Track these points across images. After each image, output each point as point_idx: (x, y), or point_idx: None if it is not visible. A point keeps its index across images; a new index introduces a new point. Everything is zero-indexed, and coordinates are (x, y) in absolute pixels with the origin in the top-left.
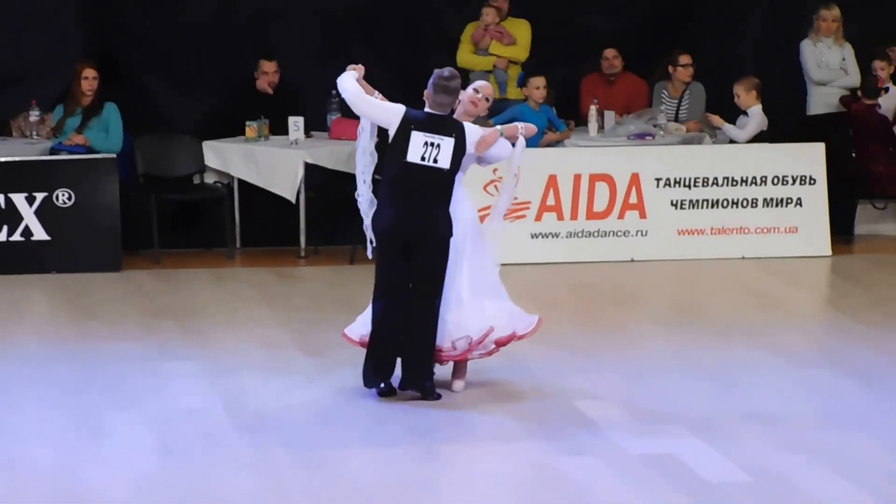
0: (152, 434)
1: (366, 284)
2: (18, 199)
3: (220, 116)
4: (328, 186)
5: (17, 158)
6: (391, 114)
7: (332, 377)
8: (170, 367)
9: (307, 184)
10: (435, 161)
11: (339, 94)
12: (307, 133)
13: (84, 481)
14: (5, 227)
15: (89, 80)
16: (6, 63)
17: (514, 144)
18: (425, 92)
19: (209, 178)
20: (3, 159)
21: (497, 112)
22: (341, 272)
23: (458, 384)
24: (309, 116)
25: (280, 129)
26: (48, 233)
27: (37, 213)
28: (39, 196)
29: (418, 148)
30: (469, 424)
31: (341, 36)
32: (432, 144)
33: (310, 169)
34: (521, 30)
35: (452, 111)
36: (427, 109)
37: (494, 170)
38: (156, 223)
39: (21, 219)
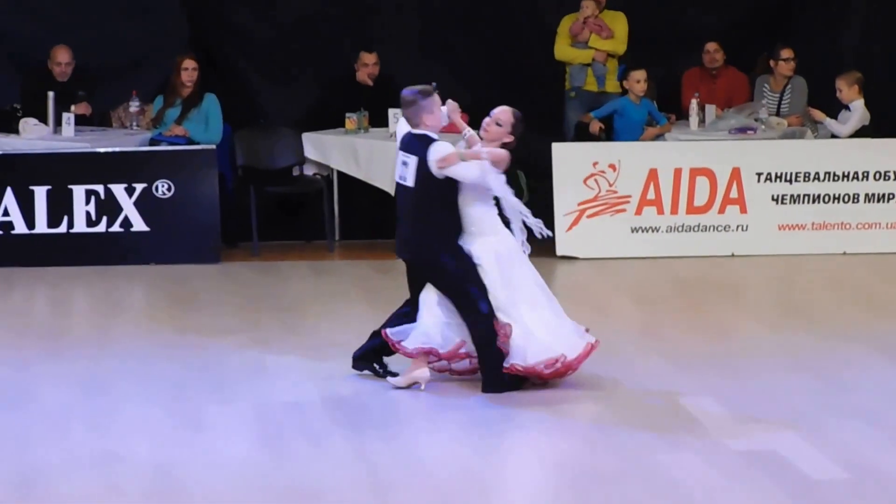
0: (251, 428)
1: None
2: (118, 189)
3: (320, 108)
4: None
5: (117, 149)
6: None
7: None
8: (269, 361)
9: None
10: (404, 179)
11: (438, 87)
12: None
13: (184, 475)
14: (105, 219)
15: (189, 71)
16: (107, 55)
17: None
18: None
19: (308, 171)
20: (103, 150)
21: (598, 105)
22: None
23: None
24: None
25: (380, 121)
26: (147, 224)
27: (136, 204)
28: (139, 187)
29: (399, 167)
30: (567, 418)
31: (440, 27)
32: (404, 163)
33: None
34: (618, 23)
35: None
36: (410, 129)
37: (594, 163)
38: (255, 215)
39: (121, 210)
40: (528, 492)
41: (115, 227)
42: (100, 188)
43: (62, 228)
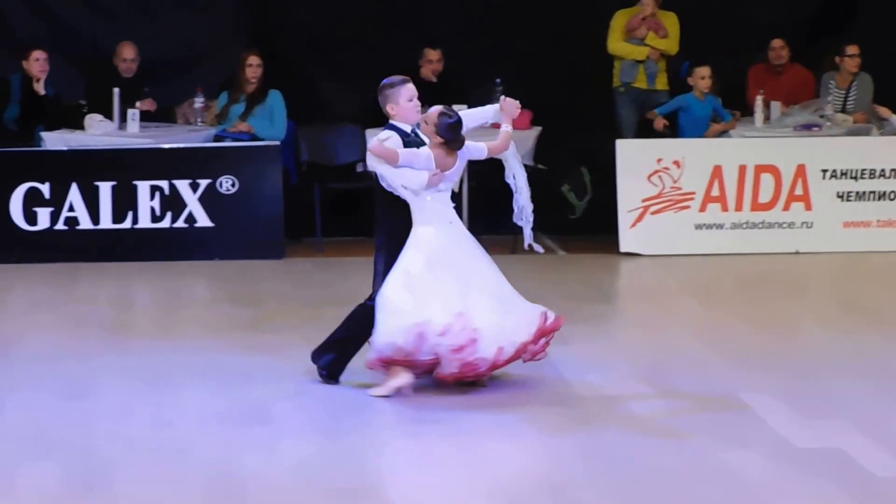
0: (314, 423)
1: (529, 273)
2: (182, 185)
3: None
4: (491, 175)
5: (181, 145)
6: None
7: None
8: None
9: (470, 172)
10: None
11: (502, 83)
12: None
13: (245, 469)
14: (169, 214)
15: (253, 67)
16: (172, 50)
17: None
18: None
19: None
20: (167, 146)
21: (646, 102)
22: (502, 261)
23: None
24: (472, 104)
25: None
26: (212, 220)
27: (201, 199)
28: (203, 183)
29: None
30: (633, 414)
31: (503, 23)
32: None
33: None
34: (671, 22)
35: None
36: None
37: (658, 159)
38: (318, 211)
39: (185, 206)
40: (596, 494)
41: (180, 223)
42: (164, 184)
43: (127, 224)
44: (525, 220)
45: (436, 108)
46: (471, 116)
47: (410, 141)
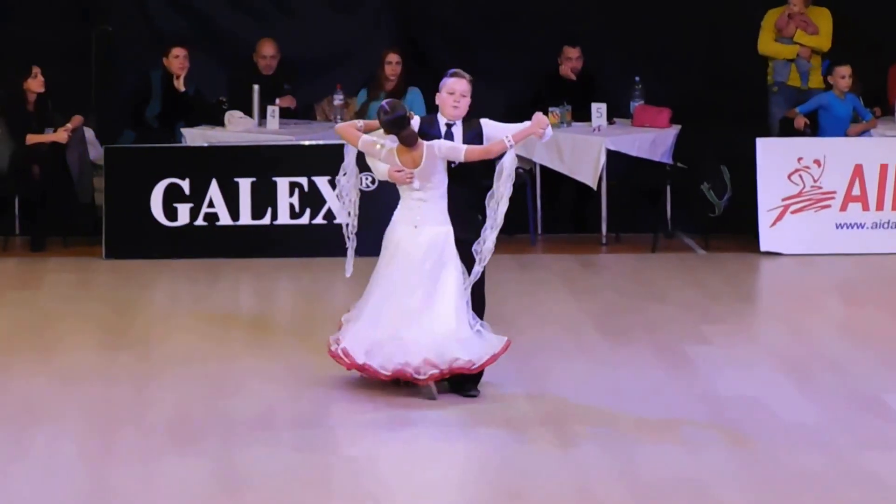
0: (456, 420)
1: (668, 271)
2: (321, 182)
3: (523, 102)
4: (630, 174)
5: (321, 142)
6: None
7: (635, 362)
8: None
9: (609, 171)
10: None
11: (641, 81)
12: (610, 120)
13: (391, 471)
14: (308, 211)
15: (393, 65)
16: (313, 48)
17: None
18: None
19: None
20: (307, 143)
21: (800, 101)
22: (643, 260)
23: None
24: (612, 103)
25: (583, 115)
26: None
27: (339, 198)
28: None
29: None
30: (774, 414)
31: (643, 20)
32: None
33: (612, 156)
34: (823, 19)
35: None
36: None
37: (799, 158)
38: None
39: (324, 202)
40: (734, 493)
41: (318, 220)
42: (303, 180)
43: (266, 220)
44: (479, 255)
45: (383, 102)
46: (498, 129)
47: (432, 133)
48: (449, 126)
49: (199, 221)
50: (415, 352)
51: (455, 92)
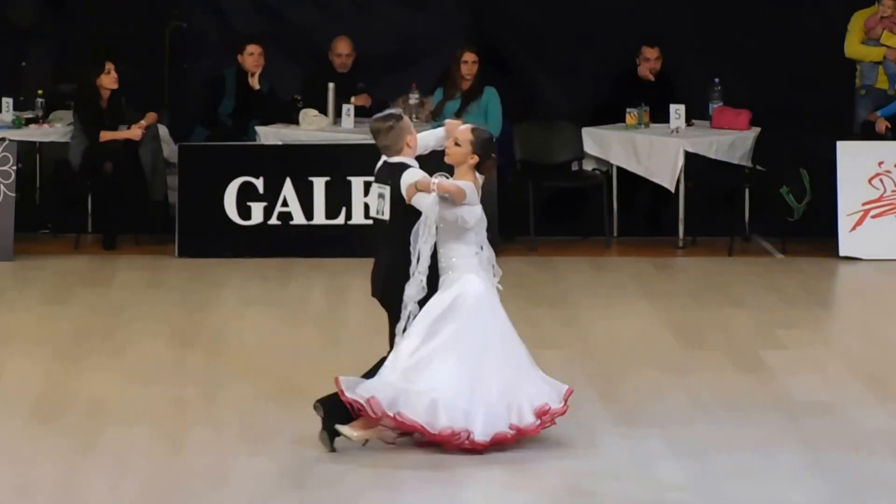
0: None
1: (745, 275)
2: None
3: (600, 103)
4: (708, 176)
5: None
6: None
7: (710, 366)
8: (546, 356)
9: (687, 173)
10: (382, 213)
11: (721, 83)
12: (688, 121)
13: (459, 469)
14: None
15: (469, 64)
16: (388, 46)
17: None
18: None
19: (587, 166)
20: None
21: (885, 104)
22: (720, 263)
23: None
24: (690, 104)
25: (661, 116)
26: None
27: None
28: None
29: (374, 200)
30: (853, 421)
31: (724, 21)
32: (381, 196)
33: (690, 158)
34: None
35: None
36: (384, 158)
37: (880, 162)
38: (532, 210)
39: None
40: (826, 499)
41: None
42: None
43: (340, 220)
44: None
45: (468, 127)
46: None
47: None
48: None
49: (273, 220)
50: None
51: None
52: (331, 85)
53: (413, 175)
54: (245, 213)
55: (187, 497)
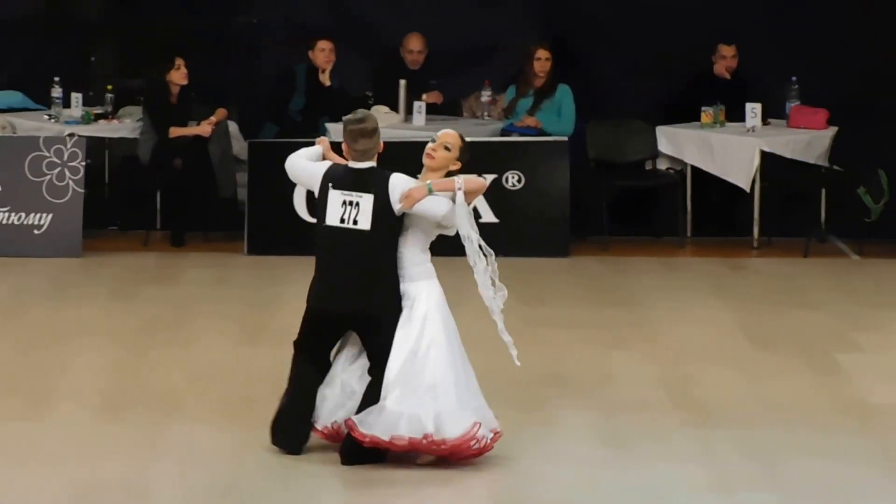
0: (597, 424)
1: (820, 277)
2: None
3: (675, 101)
4: (784, 176)
5: (467, 139)
6: (314, 174)
7: (783, 368)
8: (618, 357)
9: (762, 172)
10: (354, 223)
11: (798, 81)
12: (764, 120)
13: (527, 470)
14: None
15: (542, 61)
16: (460, 43)
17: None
18: (343, 145)
19: (661, 165)
20: None
21: None
22: (795, 265)
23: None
24: (767, 103)
25: (736, 115)
26: (496, 215)
27: (485, 195)
28: (489, 178)
29: (336, 209)
30: None
31: (802, 18)
32: (350, 203)
33: (766, 157)
34: None
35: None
36: (349, 163)
37: None
38: (605, 209)
39: None
40: (887, 499)
41: None
42: None
43: None
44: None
45: (455, 132)
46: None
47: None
48: None
49: None
50: None
51: None
52: (402, 82)
53: (406, 180)
54: (314, 210)
55: (251, 494)
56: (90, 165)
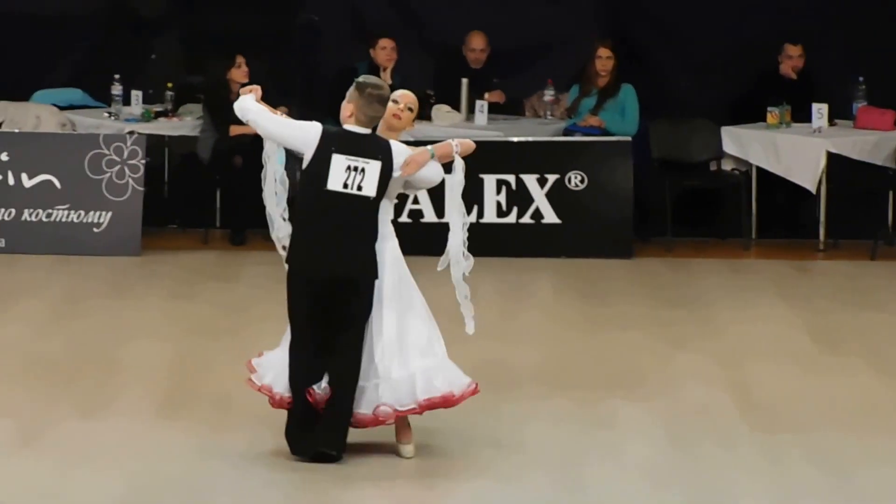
0: (662, 427)
1: (888, 281)
2: (530, 180)
3: (740, 101)
4: (851, 177)
5: (529, 139)
6: (307, 133)
7: (849, 372)
8: (681, 359)
9: (829, 174)
10: (359, 188)
11: (865, 82)
12: (831, 121)
13: (590, 471)
14: (515, 209)
15: (603, 59)
16: (523, 41)
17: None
18: (345, 104)
19: (726, 165)
20: (515, 139)
21: None
22: (862, 267)
23: (407, 449)
24: (833, 104)
25: (802, 116)
26: (559, 216)
27: (548, 195)
28: (551, 178)
29: (340, 173)
30: None
31: (868, 19)
32: (355, 169)
33: (832, 158)
34: None
35: (375, 127)
36: (348, 127)
37: None
38: (669, 210)
39: (532, 201)
40: None
41: (526, 219)
42: (511, 178)
43: (472, 218)
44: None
45: (410, 93)
46: None
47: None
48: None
49: (404, 218)
50: None
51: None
52: (464, 80)
53: (405, 147)
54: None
55: (315, 495)
56: (150, 163)
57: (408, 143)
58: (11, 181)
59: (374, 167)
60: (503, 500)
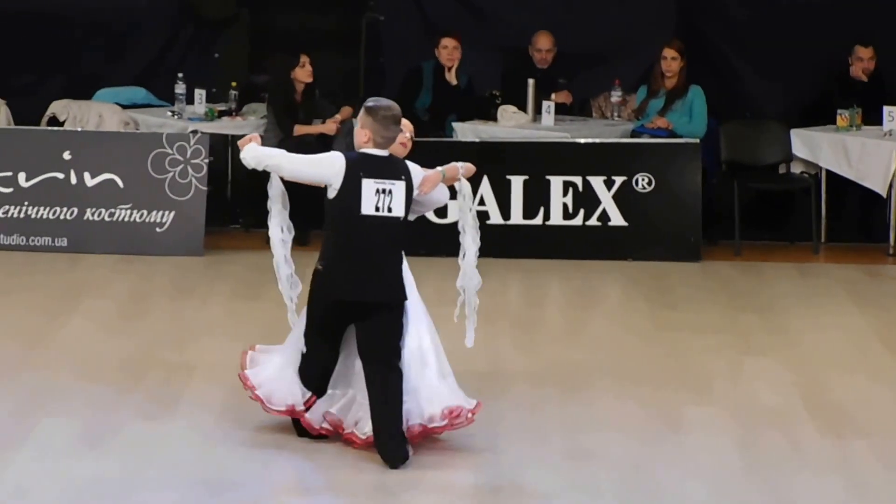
0: (729, 431)
1: None
2: (597, 182)
3: (811, 103)
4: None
5: (596, 140)
6: (333, 165)
7: None
8: (751, 363)
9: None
10: (389, 210)
11: None
12: None
13: (659, 477)
14: (582, 211)
15: (668, 60)
16: (591, 41)
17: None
18: (359, 130)
19: (796, 168)
20: (582, 141)
21: None
22: (879, 269)
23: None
24: None
25: (874, 119)
26: (626, 218)
27: (615, 197)
28: (618, 180)
29: (371, 197)
30: None
31: None
32: (384, 191)
33: None
34: None
35: None
36: (367, 150)
37: None
38: (737, 213)
39: (599, 203)
40: None
41: (592, 221)
42: (578, 180)
43: (538, 220)
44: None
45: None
46: None
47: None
48: None
49: None
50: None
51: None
52: (530, 81)
53: (419, 168)
54: (440, 211)
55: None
56: (213, 163)
57: (472, 145)
58: (74, 180)
59: (399, 187)
60: None
